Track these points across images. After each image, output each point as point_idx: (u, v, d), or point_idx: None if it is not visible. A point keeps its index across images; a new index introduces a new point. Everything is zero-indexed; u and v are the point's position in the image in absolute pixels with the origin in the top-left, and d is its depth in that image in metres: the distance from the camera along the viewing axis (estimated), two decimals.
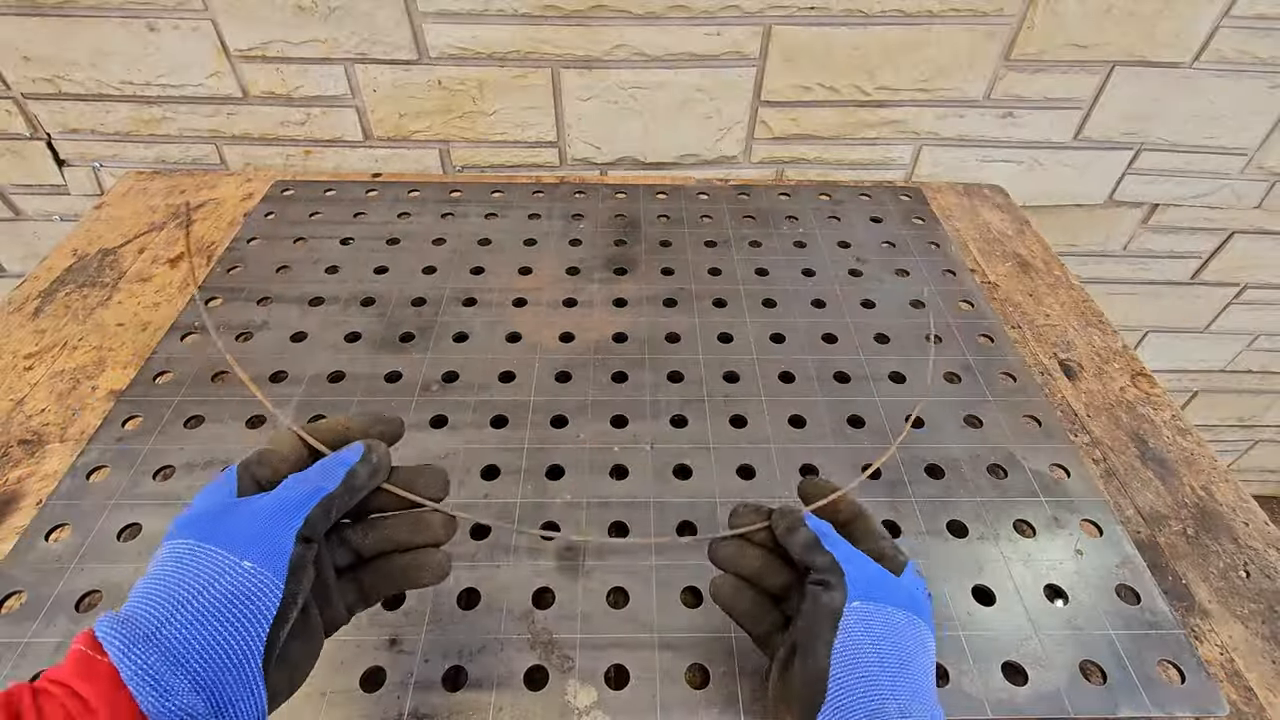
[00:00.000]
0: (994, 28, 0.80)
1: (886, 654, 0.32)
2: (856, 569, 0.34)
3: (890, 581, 0.35)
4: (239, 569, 0.28)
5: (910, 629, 0.33)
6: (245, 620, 0.28)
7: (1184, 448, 0.59)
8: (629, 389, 0.61)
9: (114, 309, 0.68)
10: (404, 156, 0.90)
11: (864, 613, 0.33)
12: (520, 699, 0.42)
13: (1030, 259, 0.78)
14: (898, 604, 0.34)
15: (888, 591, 0.34)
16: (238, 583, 0.28)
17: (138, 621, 0.27)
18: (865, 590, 0.33)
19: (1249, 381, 1.22)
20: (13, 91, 0.83)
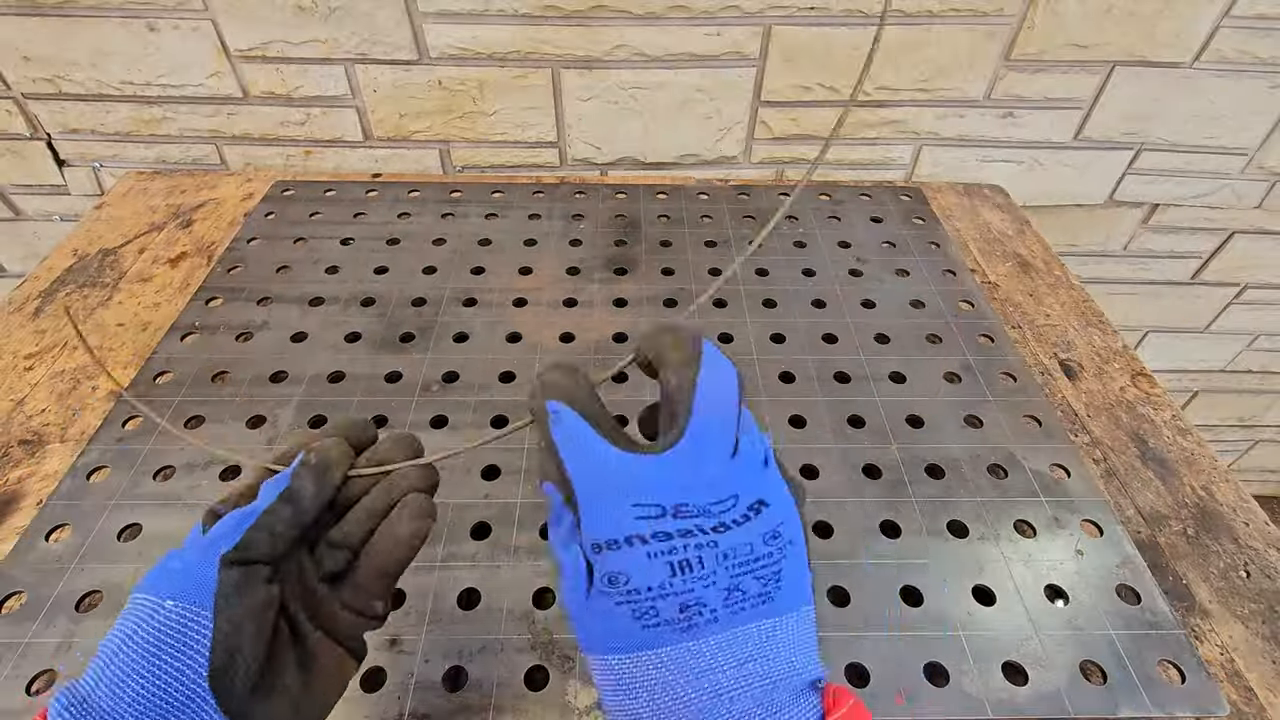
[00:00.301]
0: (994, 28, 0.80)
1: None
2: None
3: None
4: (162, 610, 0.27)
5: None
6: (175, 661, 0.26)
7: (1184, 448, 0.59)
8: (629, 389, 0.61)
9: (114, 309, 0.68)
10: (404, 156, 0.90)
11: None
12: (520, 699, 0.42)
13: (1030, 259, 0.78)
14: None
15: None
16: (162, 624, 0.26)
17: (77, 689, 0.26)
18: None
19: (1249, 381, 1.22)
20: (13, 91, 0.83)
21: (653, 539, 0.24)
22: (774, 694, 0.24)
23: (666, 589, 0.24)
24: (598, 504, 0.25)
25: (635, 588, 0.24)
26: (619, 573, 0.24)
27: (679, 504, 0.25)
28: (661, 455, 0.25)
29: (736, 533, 0.25)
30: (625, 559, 0.24)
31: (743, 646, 0.24)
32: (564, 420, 0.26)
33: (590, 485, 0.25)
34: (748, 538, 0.25)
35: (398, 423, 0.57)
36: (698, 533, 0.25)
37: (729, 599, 0.25)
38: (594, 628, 0.25)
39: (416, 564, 0.47)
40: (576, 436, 0.26)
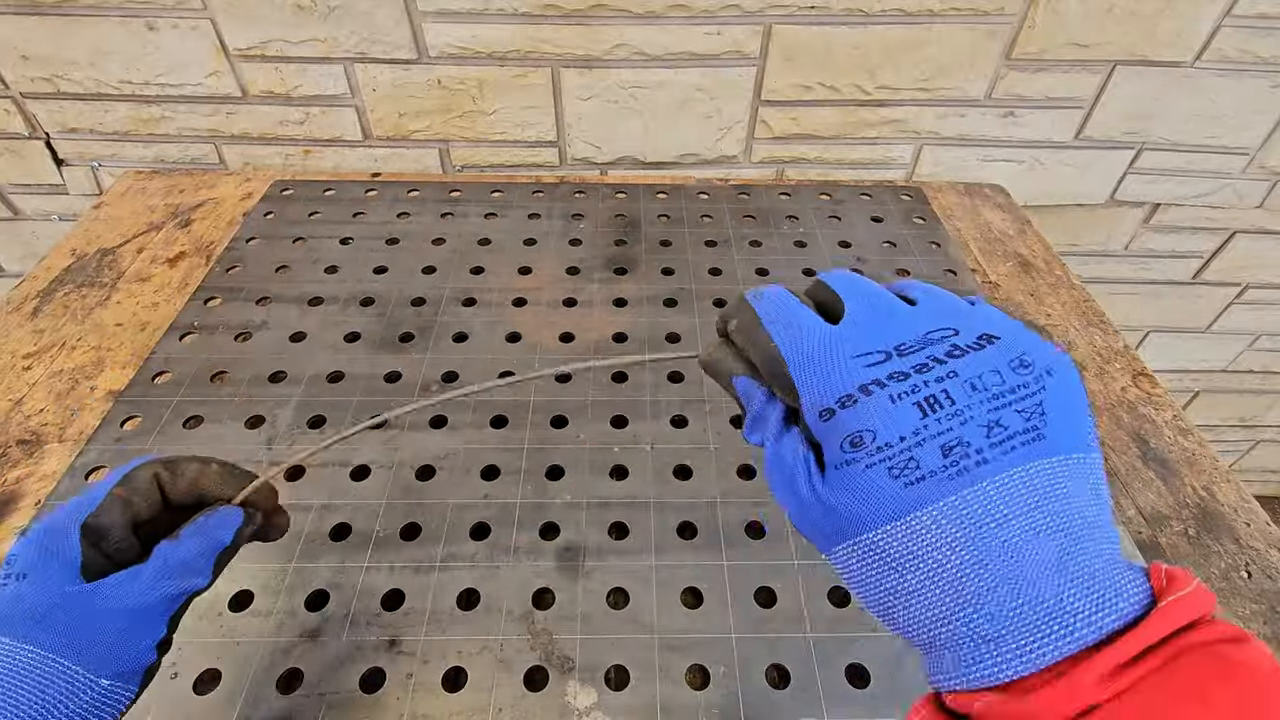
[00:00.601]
0: (995, 27, 0.79)
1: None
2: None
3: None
4: (95, 687, 0.25)
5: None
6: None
7: (1185, 448, 0.58)
8: (629, 389, 0.60)
9: (113, 309, 0.68)
10: (403, 156, 0.90)
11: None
12: (520, 699, 0.42)
13: (1031, 259, 0.78)
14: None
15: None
16: (89, 702, 0.25)
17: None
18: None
19: (1250, 381, 1.22)
20: (11, 91, 0.83)
21: (890, 381, 0.22)
22: (1078, 550, 0.20)
23: (921, 433, 0.21)
24: (819, 367, 0.23)
25: (886, 441, 0.21)
26: (863, 430, 0.22)
27: (899, 343, 0.23)
28: (848, 318, 0.24)
29: (975, 358, 0.22)
30: (867, 412, 0.22)
31: (1027, 488, 0.20)
32: (768, 296, 0.25)
33: (806, 352, 0.24)
34: (991, 363, 0.22)
35: (397, 423, 0.57)
36: (933, 364, 0.22)
37: (991, 435, 0.21)
38: (842, 510, 0.22)
39: (416, 564, 0.47)
40: (784, 310, 0.25)
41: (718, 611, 0.46)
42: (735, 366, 0.26)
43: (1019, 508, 0.20)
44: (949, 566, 0.20)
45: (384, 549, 0.48)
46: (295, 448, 0.34)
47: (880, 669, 0.43)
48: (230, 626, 0.45)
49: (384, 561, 0.48)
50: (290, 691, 0.42)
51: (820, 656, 0.44)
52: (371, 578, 0.47)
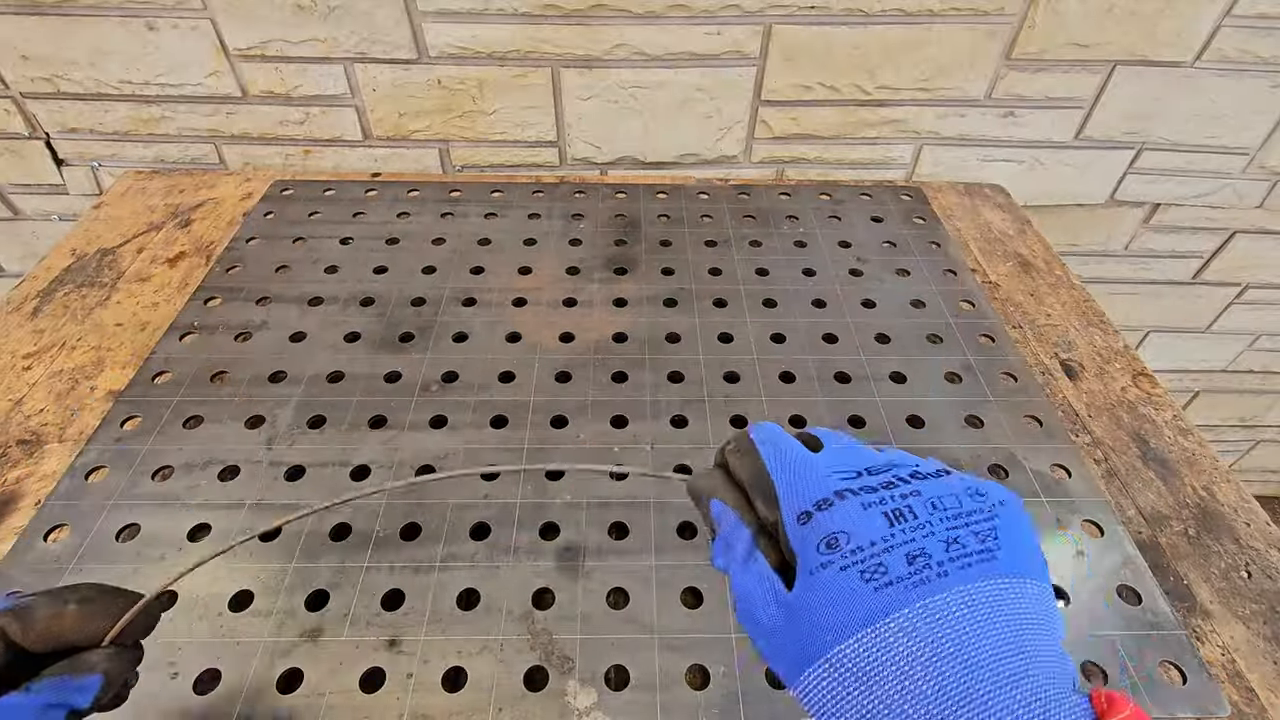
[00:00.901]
0: (995, 27, 0.79)
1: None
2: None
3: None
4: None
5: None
6: None
7: (1185, 448, 0.58)
8: (629, 389, 0.60)
9: (113, 309, 0.68)
10: (403, 156, 0.90)
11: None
12: (520, 699, 0.42)
13: (1031, 259, 0.78)
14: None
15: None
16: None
17: None
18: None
19: (1250, 381, 1.22)
20: (11, 91, 0.83)
21: (861, 491, 0.25)
22: (1030, 669, 0.21)
23: (889, 539, 0.23)
24: (799, 476, 0.26)
25: (858, 545, 0.23)
26: (838, 532, 0.24)
27: (868, 466, 0.27)
28: (825, 448, 0.28)
29: (935, 483, 0.25)
30: (841, 514, 0.24)
31: (982, 602, 0.22)
32: (763, 427, 0.29)
33: (789, 464, 0.27)
34: (950, 489, 0.25)
35: (397, 423, 0.57)
36: (898, 482, 0.25)
37: (950, 550, 0.23)
38: (814, 618, 0.23)
39: (416, 564, 0.47)
40: (774, 436, 0.29)
41: (718, 611, 0.46)
42: (718, 490, 0.29)
43: (974, 619, 0.22)
44: (917, 678, 0.21)
45: (384, 549, 0.48)
46: (185, 562, 0.32)
47: None
48: (230, 626, 0.45)
49: (384, 561, 0.48)
50: (290, 691, 0.42)
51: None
52: (371, 578, 0.47)
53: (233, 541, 0.31)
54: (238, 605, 0.46)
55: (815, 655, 0.23)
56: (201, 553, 0.31)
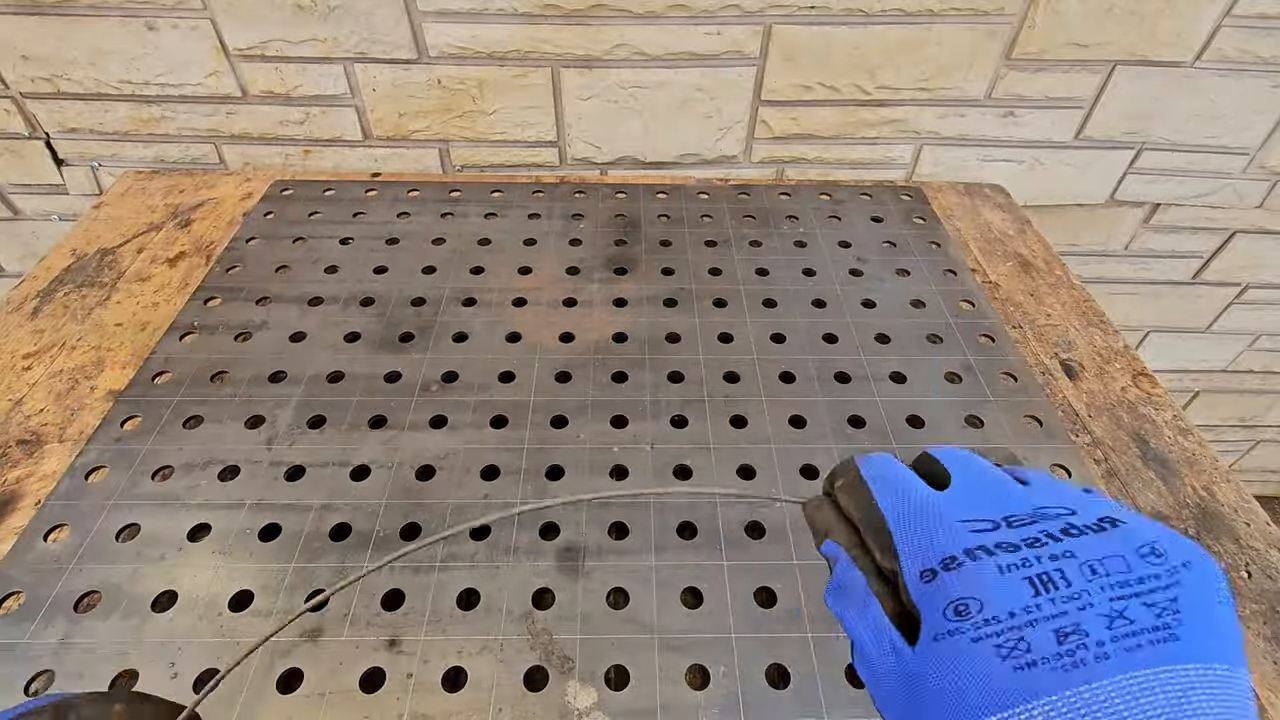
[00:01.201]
0: (995, 27, 0.79)
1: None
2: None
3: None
4: None
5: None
6: None
7: (1185, 448, 0.58)
8: (629, 389, 0.60)
9: (113, 309, 0.68)
10: (403, 156, 0.90)
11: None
12: (520, 699, 0.42)
13: (1031, 259, 0.78)
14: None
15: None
16: None
17: None
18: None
19: (1250, 381, 1.22)
20: (11, 91, 0.83)
21: (998, 550, 0.20)
22: None
23: (1033, 612, 0.19)
24: (922, 525, 0.22)
25: (994, 615, 0.19)
26: (968, 598, 0.20)
27: (1009, 515, 0.22)
28: (954, 485, 0.23)
29: (1094, 539, 0.20)
30: (973, 577, 0.20)
31: (1157, 695, 0.17)
32: (874, 460, 0.26)
33: (908, 510, 0.23)
34: (1115, 548, 0.20)
35: (397, 423, 0.57)
36: (1046, 539, 0.20)
37: (1114, 626, 0.19)
38: (938, 689, 0.19)
39: (416, 564, 0.47)
40: (888, 471, 0.25)
41: (718, 611, 0.46)
42: (831, 528, 0.26)
43: (1141, 712, 0.17)
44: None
45: (384, 549, 0.48)
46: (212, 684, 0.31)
47: None
48: (230, 627, 0.45)
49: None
50: (290, 691, 0.42)
51: (820, 656, 0.44)
52: (371, 577, 0.47)
53: (286, 621, 0.31)
54: (238, 605, 0.46)
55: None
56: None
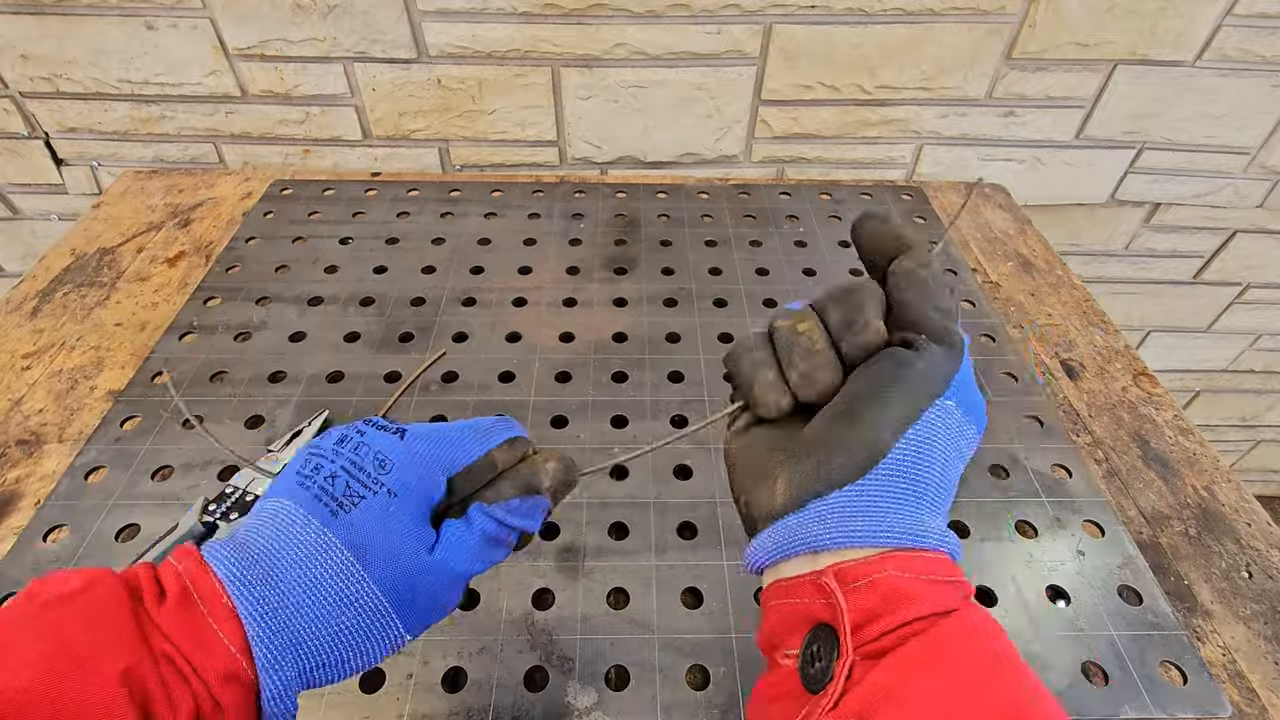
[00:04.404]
0: (995, 26, 0.79)
1: (944, 470, 0.26)
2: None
3: (968, 373, 0.29)
4: (399, 640, 0.27)
5: (965, 440, 0.28)
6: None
7: (1186, 448, 0.58)
8: (629, 389, 0.60)
9: (112, 309, 0.68)
10: (403, 155, 0.90)
11: (946, 411, 0.27)
12: (520, 700, 0.42)
13: (1032, 258, 0.78)
14: (970, 406, 0.28)
15: (969, 389, 0.28)
16: (387, 647, 0.27)
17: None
18: (959, 388, 0.27)
19: (1251, 381, 1.22)
20: (11, 90, 0.83)
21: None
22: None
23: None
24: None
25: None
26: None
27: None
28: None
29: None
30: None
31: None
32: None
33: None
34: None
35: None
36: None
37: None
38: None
39: None
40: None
41: (718, 612, 0.46)
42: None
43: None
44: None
45: None
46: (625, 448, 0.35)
47: None
48: None
49: None
50: None
51: None
52: None
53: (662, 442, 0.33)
54: None
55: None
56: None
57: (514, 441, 0.31)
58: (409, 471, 0.28)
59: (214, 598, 0.24)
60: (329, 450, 0.28)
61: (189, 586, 0.24)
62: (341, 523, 0.26)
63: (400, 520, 0.27)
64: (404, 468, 0.28)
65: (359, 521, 0.27)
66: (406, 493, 0.28)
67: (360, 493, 0.27)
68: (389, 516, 0.27)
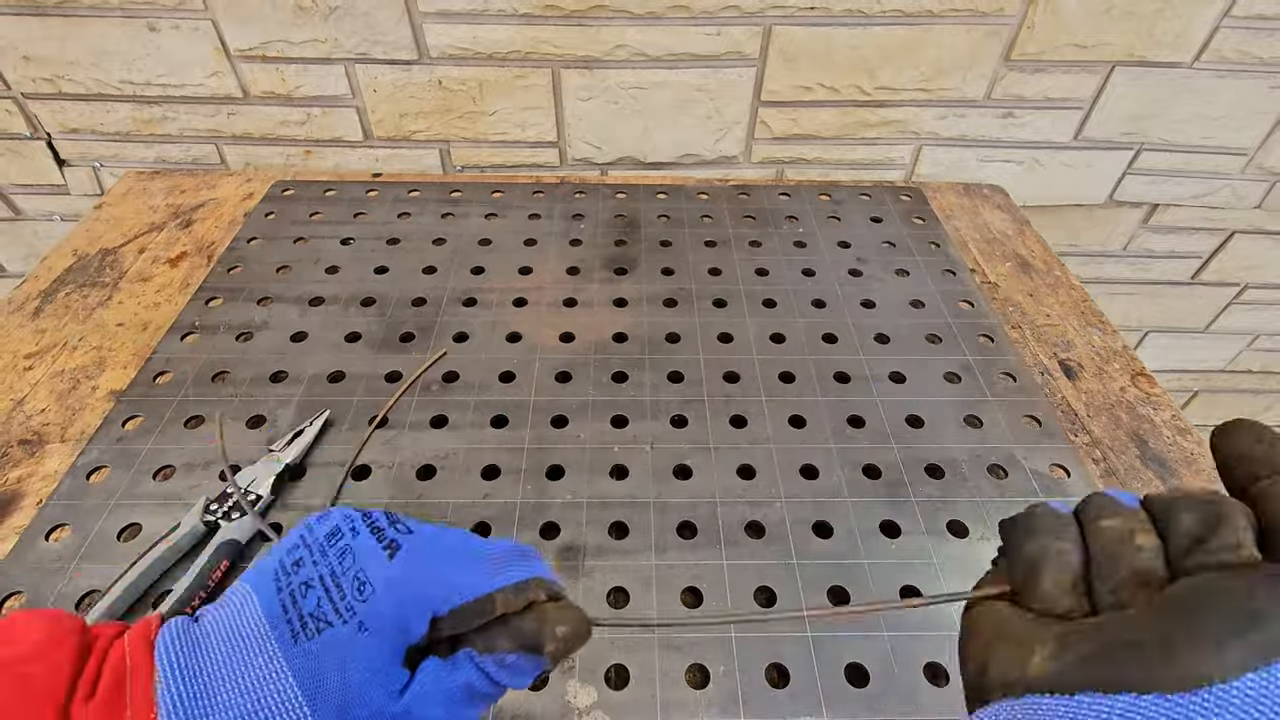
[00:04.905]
0: (994, 28, 0.80)
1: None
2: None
3: None
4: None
5: None
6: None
7: (1184, 448, 0.59)
8: (629, 389, 0.61)
9: (114, 309, 0.68)
10: (404, 156, 0.90)
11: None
12: (520, 699, 0.42)
13: (1030, 259, 0.78)
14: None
15: None
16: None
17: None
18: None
19: (1249, 381, 1.22)
20: (13, 91, 0.83)
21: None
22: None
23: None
24: None
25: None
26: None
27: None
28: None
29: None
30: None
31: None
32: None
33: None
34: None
35: (397, 422, 0.57)
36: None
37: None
38: None
39: None
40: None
41: (718, 611, 0.46)
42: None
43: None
44: None
45: None
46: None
47: (880, 668, 0.44)
48: None
49: None
50: None
51: (820, 656, 0.44)
52: None
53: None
54: None
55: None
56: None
57: (526, 584, 0.27)
58: (389, 602, 0.25)
59: (145, 705, 0.23)
60: (317, 545, 0.26)
61: (125, 683, 0.23)
62: (300, 650, 0.24)
63: (366, 659, 0.24)
64: (384, 597, 0.25)
65: (319, 653, 0.24)
66: (381, 627, 0.24)
67: (329, 618, 0.24)
68: (354, 653, 0.24)
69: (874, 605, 0.28)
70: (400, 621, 0.25)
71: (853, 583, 0.48)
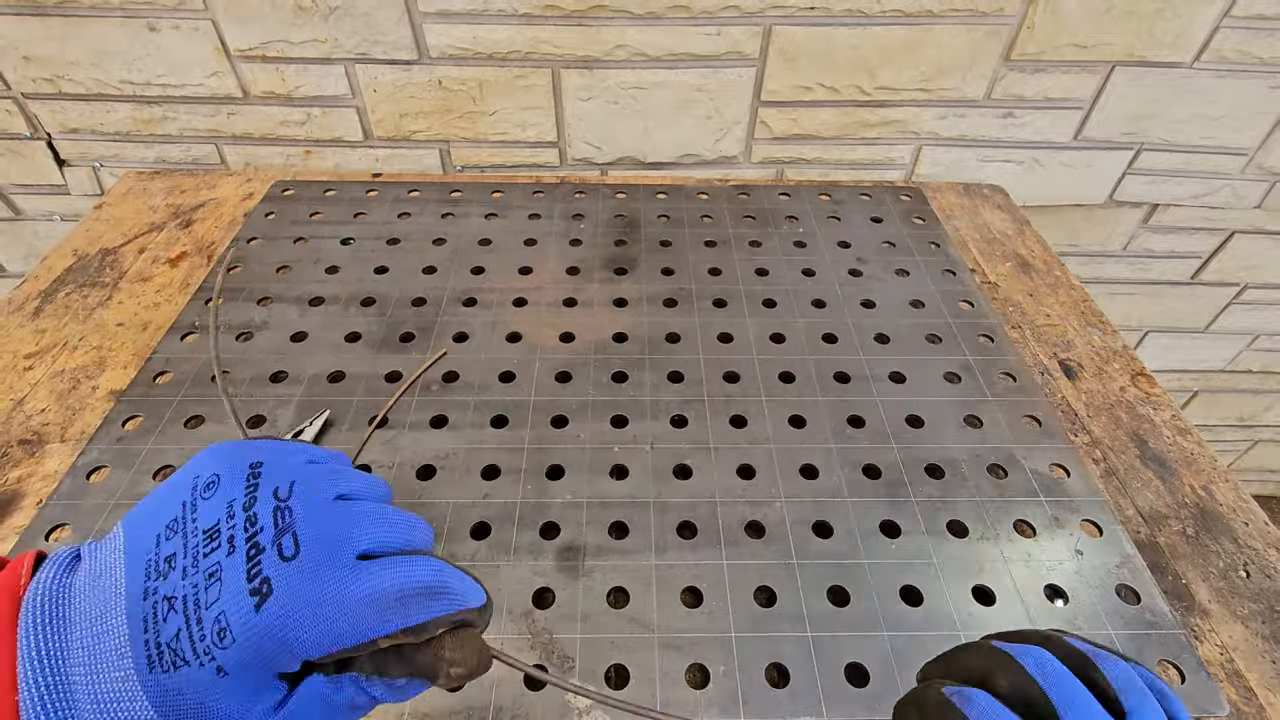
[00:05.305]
0: (994, 28, 0.80)
1: None
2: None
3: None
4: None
5: None
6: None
7: (1184, 448, 0.59)
8: (629, 389, 0.61)
9: (114, 309, 0.68)
10: (404, 156, 0.90)
11: None
12: (520, 699, 0.42)
13: (1030, 259, 0.78)
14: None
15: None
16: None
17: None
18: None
19: (1249, 381, 1.22)
20: (13, 91, 0.83)
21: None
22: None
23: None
24: None
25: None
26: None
27: None
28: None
29: None
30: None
31: None
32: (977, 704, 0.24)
33: None
34: None
35: (397, 422, 0.57)
36: None
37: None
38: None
39: None
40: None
41: (718, 611, 0.46)
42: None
43: None
44: None
45: None
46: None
47: (879, 668, 0.44)
48: None
49: None
50: None
51: (820, 656, 0.44)
52: None
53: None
54: None
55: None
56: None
57: (423, 626, 0.24)
58: (251, 652, 0.22)
59: (8, 687, 0.21)
60: (194, 546, 0.23)
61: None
62: (154, 680, 0.22)
63: (226, 697, 0.22)
64: (246, 647, 0.22)
65: (178, 687, 0.22)
66: (242, 671, 0.22)
67: (185, 656, 0.22)
68: (213, 693, 0.22)
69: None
70: (266, 664, 0.23)
71: (853, 583, 0.48)
